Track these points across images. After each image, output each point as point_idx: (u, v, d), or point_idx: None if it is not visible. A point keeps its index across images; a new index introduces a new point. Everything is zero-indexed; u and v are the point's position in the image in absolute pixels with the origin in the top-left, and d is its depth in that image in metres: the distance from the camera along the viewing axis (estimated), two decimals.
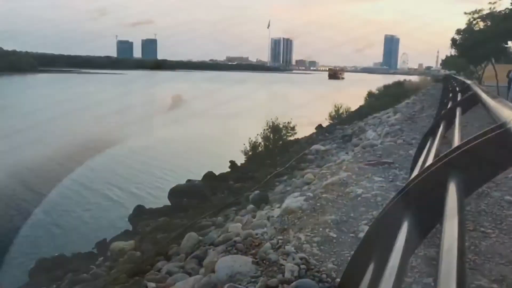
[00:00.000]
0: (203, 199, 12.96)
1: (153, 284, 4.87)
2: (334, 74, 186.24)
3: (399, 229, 1.46)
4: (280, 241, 4.41)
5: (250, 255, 4.20)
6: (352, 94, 59.44)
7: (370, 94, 38.15)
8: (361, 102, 39.53)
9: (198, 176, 16.23)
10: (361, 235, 4.17)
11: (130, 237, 10.60)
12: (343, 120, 27.54)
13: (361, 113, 31.06)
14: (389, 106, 27.47)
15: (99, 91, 69.86)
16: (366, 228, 4.30)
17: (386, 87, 41.77)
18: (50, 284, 8.30)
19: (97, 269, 8.87)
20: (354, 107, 35.34)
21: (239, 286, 3.39)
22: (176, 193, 13.29)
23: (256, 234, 5.14)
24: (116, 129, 30.71)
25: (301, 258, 3.68)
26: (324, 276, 3.43)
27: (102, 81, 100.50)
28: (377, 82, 62.35)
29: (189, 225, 10.09)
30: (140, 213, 12.71)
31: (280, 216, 5.64)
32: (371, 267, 1.60)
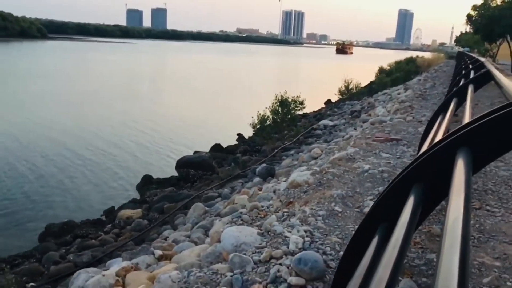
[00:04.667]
0: (210, 170, 13.05)
1: (159, 251, 4.97)
2: (342, 48, 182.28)
3: (405, 204, 1.46)
4: (285, 213, 4.45)
5: (255, 226, 4.25)
6: (363, 69, 58.73)
7: (381, 70, 37.62)
8: (372, 77, 39.11)
9: (205, 147, 16.31)
10: (366, 210, 4.19)
11: (138, 206, 10.77)
12: (352, 95, 27.30)
13: (371, 89, 30.74)
14: (400, 83, 27.16)
15: (112, 60, 69.69)
16: (372, 203, 4.31)
17: (398, 63, 41.12)
18: (59, 249, 8.49)
19: (105, 235, 9.05)
20: (364, 82, 34.97)
21: (244, 255, 3.44)
22: (183, 164, 13.38)
23: (262, 206, 5.19)
24: (128, 97, 30.75)
25: (305, 231, 3.72)
26: (328, 249, 3.47)
27: (113, 49, 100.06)
28: (389, 57, 61.44)
29: (196, 196, 10.20)
30: (147, 183, 12.86)
31: (286, 189, 5.66)
32: (374, 241, 1.61)
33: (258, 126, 17.00)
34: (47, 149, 16.24)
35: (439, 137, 3.21)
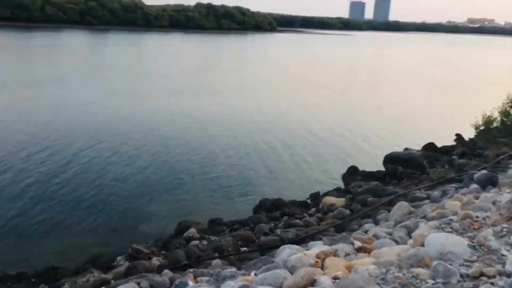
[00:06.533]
0: (419, 169, 12.35)
1: (359, 243, 5.01)
2: None
3: None
4: (505, 229, 3.93)
5: (466, 237, 3.88)
6: None
7: None
8: None
9: (417, 145, 15.48)
10: None
11: (341, 195, 11.00)
12: None
13: None
14: None
15: (331, 51, 72.21)
16: None
17: None
18: (268, 222, 9.40)
19: (309, 217, 9.59)
20: None
21: (450, 266, 3.19)
22: (391, 159, 13.02)
23: (477, 217, 4.69)
24: (346, 87, 31.48)
25: None
26: None
27: (333, 41, 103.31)
28: None
29: (402, 194, 9.82)
30: (353, 174, 13.00)
31: (509, 202, 4.96)
32: None
33: (482, 128, 15.16)
34: (264, 133, 17.99)
35: None
